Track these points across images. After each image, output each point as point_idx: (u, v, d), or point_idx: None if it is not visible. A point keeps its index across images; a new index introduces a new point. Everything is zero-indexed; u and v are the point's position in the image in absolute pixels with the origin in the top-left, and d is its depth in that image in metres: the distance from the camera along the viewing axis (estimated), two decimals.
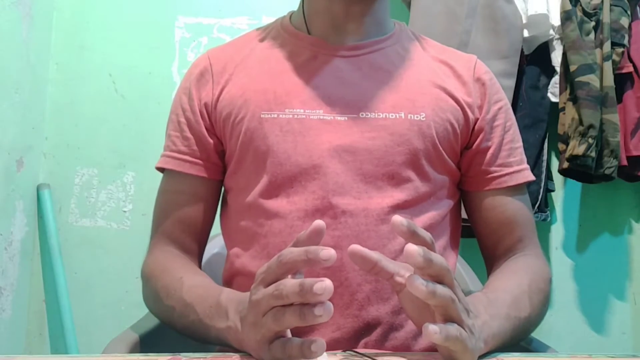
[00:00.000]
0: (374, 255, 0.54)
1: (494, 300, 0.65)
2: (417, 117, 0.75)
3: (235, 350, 0.61)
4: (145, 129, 1.64)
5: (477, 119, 0.79)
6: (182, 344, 0.77)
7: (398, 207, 0.73)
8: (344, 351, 0.66)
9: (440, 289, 0.51)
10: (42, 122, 1.62)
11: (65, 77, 1.65)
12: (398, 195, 0.73)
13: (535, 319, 0.72)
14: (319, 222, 0.52)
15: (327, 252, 0.48)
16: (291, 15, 0.86)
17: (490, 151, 0.80)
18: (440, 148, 0.76)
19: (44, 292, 1.59)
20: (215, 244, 1.03)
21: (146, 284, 0.78)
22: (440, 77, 0.80)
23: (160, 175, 0.85)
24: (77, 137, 1.63)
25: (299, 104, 0.75)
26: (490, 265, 0.83)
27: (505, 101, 0.84)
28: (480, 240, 0.85)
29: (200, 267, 0.84)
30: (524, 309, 0.68)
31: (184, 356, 0.57)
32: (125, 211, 1.63)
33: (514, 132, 0.83)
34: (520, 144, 0.83)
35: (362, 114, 0.75)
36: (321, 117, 0.75)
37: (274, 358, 0.52)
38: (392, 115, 0.75)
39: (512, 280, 0.73)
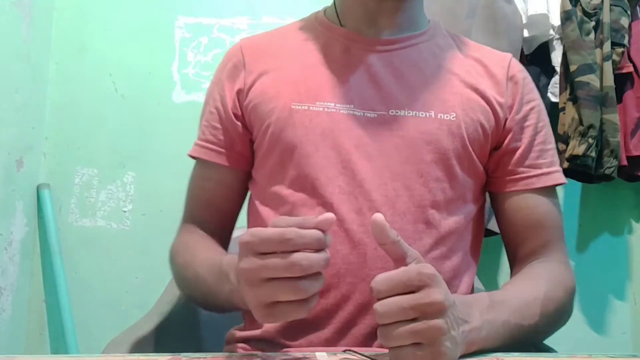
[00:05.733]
0: (392, 234, 0.54)
1: (498, 304, 0.64)
2: (447, 116, 0.75)
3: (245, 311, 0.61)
4: (145, 129, 1.64)
5: (506, 119, 0.79)
6: (182, 344, 0.77)
7: (426, 207, 0.73)
8: (344, 351, 0.66)
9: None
10: (42, 122, 1.62)
11: (65, 77, 1.65)
12: (426, 194, 0.73)
13: (546, 328, 0.71)
14: (329, 216, 0.53)
15: (324, 216, 0.52)
16: (325, 10, 0.87)
17: (519, 152, 0.78)
18: (470, 149, 0.76)
19: (44, 292, 1.60)
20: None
21: (171, 263, 0.82)
22: (473, 76, 0.79)
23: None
24: (77, 137, 1.64)
25: (330, 98, 0.76)
26: (513, 266, 0.82)
27: (538, 101, 0.82)
28: (505, 241, 0.83)
29: (226, 250, 0.85)
30: (531, 317, 0.67)
31: (184, 356, 0.57)
32: (125, 211, 1.63)
33: (546, 134, 0.81)
34: (553, 145, 0.81)
35: (392, 112, 0.75)
36: (351, 112, 0.75)
37: (271, 321, 0.54)
38: (421, 114, 0.75)
39: (527, 286, 0.72)
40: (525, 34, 1.50)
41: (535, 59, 1.57)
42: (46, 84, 1.63)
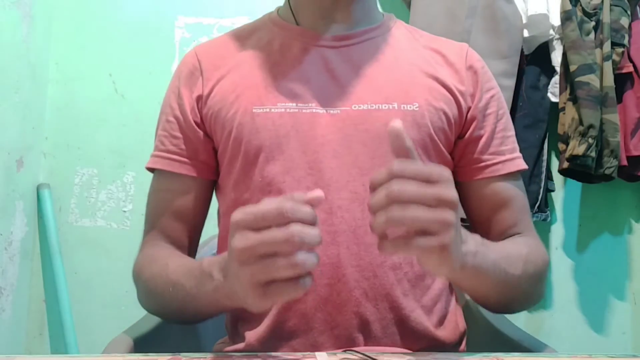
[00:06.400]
0: (408, 142, 0.54)
1: (488, 244, 0.65)
2: (410, 107, 0.75)
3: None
4: (145, 129, 1.63)
5: (469, 108, 0.79)
6: (182, 344, 0.77)
7: None
8: (344, 351, 0.66)
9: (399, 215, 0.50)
10: (42, 122, 1.62)
11: (65, 77, 1.65)
12: None
13: (525, 289, 0.71)
14: (319, 193, 0.52)
15: (315, 192, 0.51)
16: (278, 9, 0.86)
17: (483, 140, 0.79)
18: (436, 138, 0.76)
19: (44, 292, 1.60)
20: (213, 246, 1.03)
21: (137, 281, 0.77)
22: (433, 66, 0.79)
23: None
24: (77, 137, 1.64)
25: (291, 98, 0.75)
26: None
27: (497, 89, 0.83)
28: (473, 227, 0.84)
29: None
30: (515, 268, 0.68)
31: (184, 356, 0.57)
32: (125, 211, 1.63)
33: (506, 121, 0.82)
34: (513, 132, 0.83)
35: (355, 107, 0.74)
36: (313, 110, 0.74)
37: (266, 303, 0.52)
38: (384, 107, 0.74)
39: (510, 246, 0.73)
40: (525, 34, 1.50)
41: (535, 59, 1.57)
42: (46, 84, 1.63)
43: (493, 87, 0.82)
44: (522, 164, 0.81)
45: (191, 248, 0.83)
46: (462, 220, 0.85)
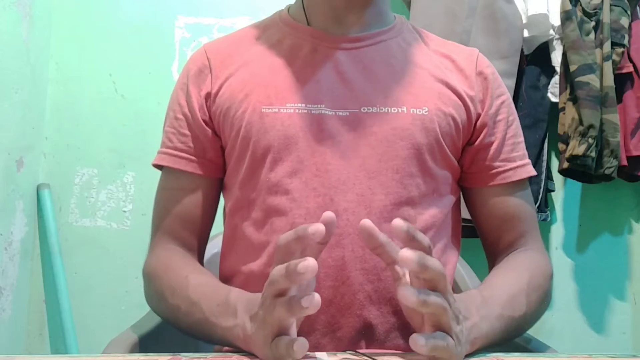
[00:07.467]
0: (382, 237, 0.55)
1: (489, 299, 0.65)
2: (419, 111, 0.74)
3: (240, 351, 0.61)
4: (145, 129, 1.64)
5: (479, 114, 0.79)
6: (182, 344, 0.77)
7: (401, 204, 0.72)
8: (344, 351, 0.66)
9: (432, 298, 0.51)
10: (42, 122, 1.62)
11: (65, 77, 1.65)
12: (402, 191, 0.72)
13: (532, 316, 0.72)
14: (329, 214, 0.54)
15: (314, 227, 0.52)
16: (289, 8, 0.85)
17: (494, 146, 0.79)
18: (443, 143, 0.75)
19: (44, 292, 1.60)
20: (216, 243, 1.03)
21: (149, 283, 0.77)
22: (442, 71, 0.79)
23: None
24: (77, 137, 1.64)
25: (300, 99, 0.74)
26: (492, 260, 0.83)
27: (507, 95, 0.83)
28: (482, 236, 0.84)
29: (202, 264, 0.83)
30: (520, 307, 0.68)
31: (184, 356, 0.57)
32: (125, 211, 1.63)
33: (516, 127, 0.82)
34: (522, 139, 0.83)
35: (364, 109, 0.74)
36: (322, 111, 0.74)
37: (274, 357, 0.52)
38: (394, 110, 0.74)
39: (511, 278, 0.73)
40: (525, 34, 1.50)
41: (535, 59, 1.57)
42: (46, 84, 1.63)
43: (503, 93, 0.82)
44: (532, 171, 0.81)
45: (199, 247, 0.83)
46: (467, 220, 0.86)
